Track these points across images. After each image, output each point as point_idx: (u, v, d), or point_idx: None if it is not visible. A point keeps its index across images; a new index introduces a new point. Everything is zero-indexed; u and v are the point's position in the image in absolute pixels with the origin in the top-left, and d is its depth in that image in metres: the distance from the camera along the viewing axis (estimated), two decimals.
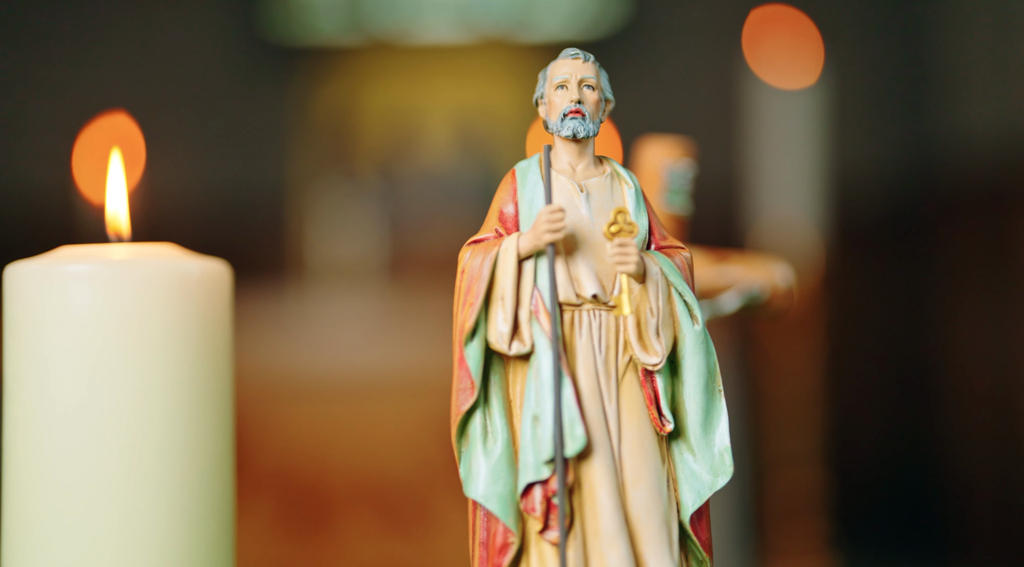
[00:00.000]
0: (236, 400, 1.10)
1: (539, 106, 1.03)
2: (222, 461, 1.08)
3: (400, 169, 4.50)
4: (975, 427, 3.80)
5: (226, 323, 1.08)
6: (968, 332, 3.80)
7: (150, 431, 1.03)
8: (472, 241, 1.01)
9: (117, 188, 1.08)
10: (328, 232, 4.26)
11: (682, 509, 0.98)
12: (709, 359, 0.99)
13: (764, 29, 3.15)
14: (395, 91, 4.59)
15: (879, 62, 4.17)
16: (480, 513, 0.98)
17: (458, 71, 4.63)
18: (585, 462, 0.96)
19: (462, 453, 0.98)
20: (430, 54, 4.64)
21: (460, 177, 4.48)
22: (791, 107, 2.96)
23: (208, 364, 1.06)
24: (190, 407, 1.05)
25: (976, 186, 3.83)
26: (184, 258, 1.07)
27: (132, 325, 1.03)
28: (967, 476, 3.84)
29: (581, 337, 0.98)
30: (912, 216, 4.04)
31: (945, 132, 3.96)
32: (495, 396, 0.98)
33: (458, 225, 4.19)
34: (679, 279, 0.98)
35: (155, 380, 1.03)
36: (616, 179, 1.01)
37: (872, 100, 4.13)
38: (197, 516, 1.05)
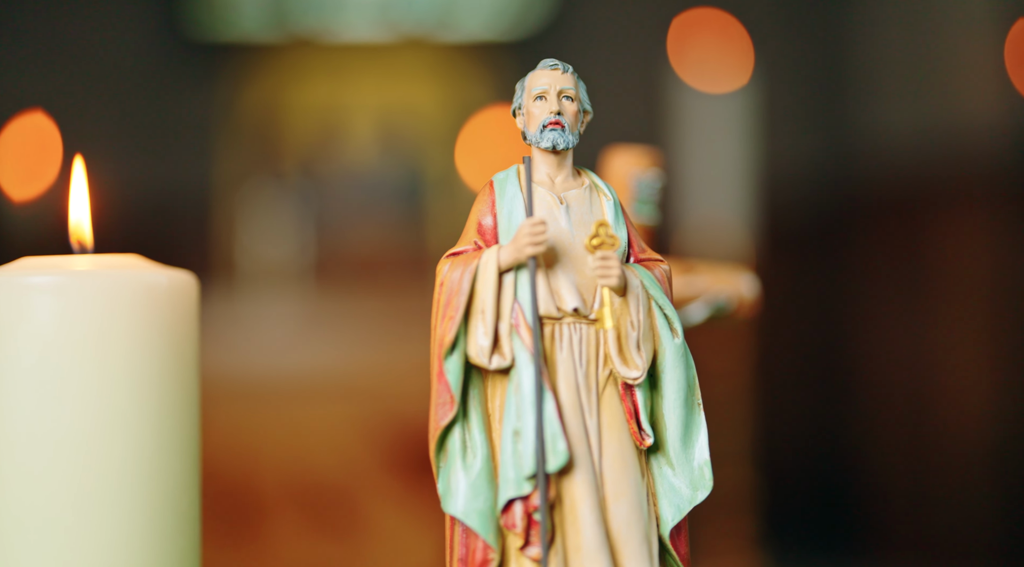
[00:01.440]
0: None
1: (516, 117, 1.02)
2: (189, 475, 1.06)
3: (325, 169, 4.46)
4: (891, 426, 3.86)
5: (194, 335, 1.06)
6: (886, 332, 3.86)
7: (116, 445, 1.01)
8: (451, 253, 0.99)
9: (80, 198, 1.05)
10: (255, 233, 4.21)
11: (661, 523, 0.98)
12: (689, 373, 0.98)
13: (692, 31, 3.17)
14: (319, 90, 4.55)
15: (806, 64, 4.21)
16: (458, 529, 0.97)
17: (381, 70, 4.61)
18: (567, 477, 0.95)
19: (440, 468, 0.97)
20: (353, 52, 4.61)
21: (385, 177, 4.46)
22: (718, 109, 2.98)
23: (176, 377, 1.04)
24: (157, 421, 1.02)
25: (896, 187, 3.88)
26: (151, 269, 1.05)
27: (98, 338, 1.00)
28: (885, 474, 3.90)
29: (562, 351, 0.97)
30: (837, 217, 4.08)
31: (866, 133, 4.02)
32: (474, 410, 0.97)
33: (383, 225, 4.18)
34: (659, 292, 0.98)
35: (122, 394, 1.01)
36: (595, 191, 1.01)
37: (799, 101, 4.17)
38: (164, 530, 1.03)
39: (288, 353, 3.20)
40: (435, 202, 4.46)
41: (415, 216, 4.40)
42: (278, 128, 4.48)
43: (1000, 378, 3.74)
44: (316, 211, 4.32)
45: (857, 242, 3.88)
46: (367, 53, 4.60)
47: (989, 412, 3.74)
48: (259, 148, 4.44)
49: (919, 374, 3.79)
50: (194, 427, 1.06)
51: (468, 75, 4.58)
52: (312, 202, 4.34)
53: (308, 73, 4.56)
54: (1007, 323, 3.72)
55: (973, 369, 3.75)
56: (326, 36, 4.58)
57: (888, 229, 3.88)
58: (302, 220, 4.27)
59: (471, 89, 4.55)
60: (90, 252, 1.06)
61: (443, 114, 4.49)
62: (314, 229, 4.28)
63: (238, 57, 4.52)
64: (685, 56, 3.17)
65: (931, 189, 3.76)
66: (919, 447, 3.78)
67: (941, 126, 3.80)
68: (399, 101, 4.56)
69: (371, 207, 4.35)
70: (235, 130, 4.47)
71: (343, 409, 3.06)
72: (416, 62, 4.60)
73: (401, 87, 4.58)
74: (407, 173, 4.45)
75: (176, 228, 4.17)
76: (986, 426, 3.73)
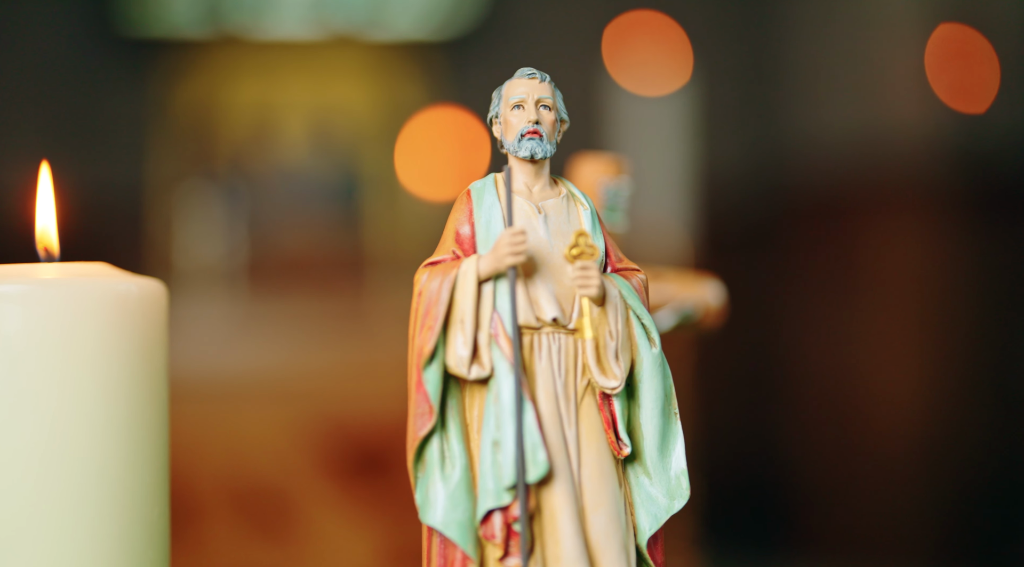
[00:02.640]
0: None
1: (493, 126, 1.02)
2: (159, 486, 1.04)
3: (258, 168, 4.42)
4: (824, 426, 3.90)
5: (163, 344, 1.04)
6: (819, 334, 3.90)
7: (86, 456, 0.99)
8: (429, 263, 0.99)
9: (46, 204, 1.03)
10: (190, 233, 4.16)
11: (639, 533, 0.98)
12: (666, 382, 0.99)
13: (628, 34, 3.17)
14: (251, 88, 4.51)
15: (743, 66, 4.24)
16: (436, 540, 0.96)
17: (312, 68, 4.58)
18: (546, 487, 0.95)
19: (418, 479, 0.96)
20: (284, 50, 4.57)
21: (319, 177, 4.43)
22: (655, 111, 2.99)
23: (146, 386, 1.02)
24: (127, 432, 1.01)
25: (828, 190, 3.93)
26: (121, 277, 1.03)
27: (68, 348, 0.98)
28: (818, 473, 3.94)
29: (541, 361, 0.97)
30: (773, 220, 4.11)
31: (800, 136, 4.05)
32: (452, 420, 0.97)
33: (318, 226, 4.14)
34: (637, 301, 0.98)
35: (92, 404, 0.99)
36: (572, 200, 1.01)
37: (737, 104, 4.19)
38: (135, 542, 1.01)
39: (223, 355, 3.17)
40: (371, 202, 4.43)
41: (351, 217, 4.37)
42: (211, 127, 4.44)
43: (928, 379, 3.80)
44: (250, 211, 4.28)
45: (792, 245, 3.92)
46: (298, 51, 4.57)
47: (918, 412, 3.80)
48: (193, 147, 4.39)
49: (851, 375, 3.84)
50: (163, 437, 1.04)
51: (400, 74, 4.57)
52: (246, 202, 4.30)
53: (240, 71, 4.51)
54: (935, 325, 3.79)
55: (903, 370, 3.81)
56: (257, 33, 4.54)
57: (821, 232, 3.92)
58: (235, 220, 4.23)
59: (403, 88, 4.53)
60: (57, 260, 1.04)
61: (375, 113, 4.46)
62: (248, 229, 4.24)
63: (170, 54, 4.47)
64: (621, 59, 3.18)
65: (861, 192, 3.81)
66: (850, 446, 3.82)
67: (870, 130, 3.85)
68: (331, 100, 4.53)
69: (305, 207, 4.32)
70: (168, 129, 4.42)
71: (278, 411, 3.04)
72: (347, 61, 4.58)
73: (333, 86, 4.56)
74: (342, 173, 4.43)
75: (109, 229, 4.12)
76: (915, 426, 3.79)
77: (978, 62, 3.69)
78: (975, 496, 3.76)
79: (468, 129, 4.20)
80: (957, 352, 3.81)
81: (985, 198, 3.81)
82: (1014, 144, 3.80)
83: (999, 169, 3.82)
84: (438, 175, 4.35)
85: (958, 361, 3.81)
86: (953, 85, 3.77)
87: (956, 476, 3.76)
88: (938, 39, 3.77)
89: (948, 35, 3.78)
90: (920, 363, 3.80)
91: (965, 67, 3.73)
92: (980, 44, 3.66)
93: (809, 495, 3.97)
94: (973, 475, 3.76)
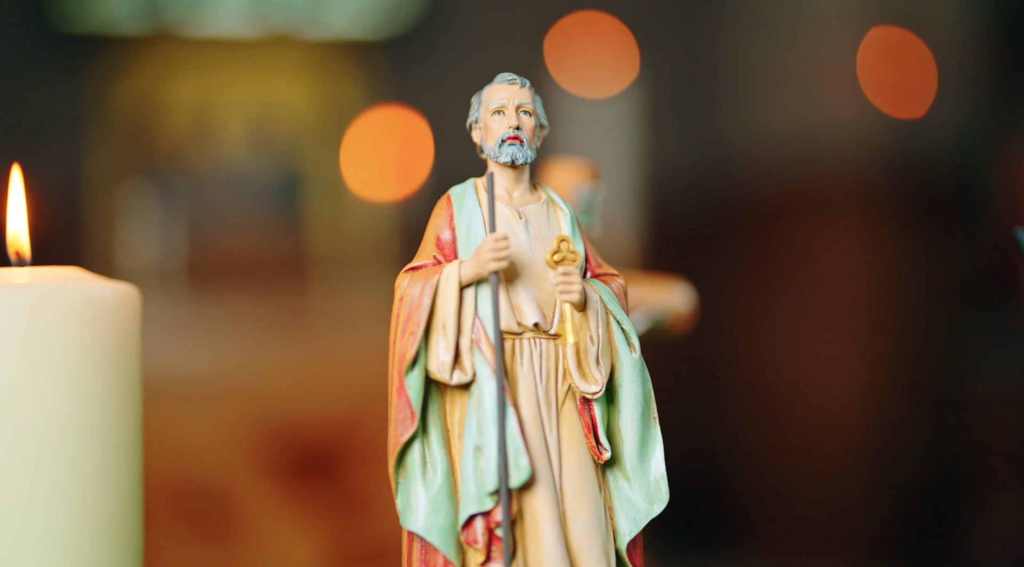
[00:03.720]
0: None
1: (473, 131, 1.02)
2: (133, 494, 1.03)
3: (197, 167, 4.38)
4: (767, 426, 3.94)
5: (137, 349, 1.03)
6: (763, 335, 3.93)
7: (60, 463, 0.98)
8: (409, 268, 0.99)
9: (17, 206, 1.01)
10: (130, 232, 4.11)
11: (618, 537, 0.99)
12: (645, 387, 0.99)
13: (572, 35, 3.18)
14: (190, 85, 4.46)
15: (687, 67, 4.25)
16: (417, 546, 0.96)
17: (251, 66, 4.54)
18: (528, 492, 0.95)
19: (399, 484, 0.96)
20: (222, 47, 4.53)
21: (259, 176, 4.39)
22: (600, 112, 3.00)
23: (121, 392, 1.01)
24: (102, 438, 1.00)
25: (771, 191, 3.96)
26: (94, 281, 1.02)
27: (41, 352, 0.97)
28: (760, 472, 3.98)
29: (523, 366, 0.97)
30: (718, 220, 4.14)
31: (743, 137, 4.08)
32: (433, 426, 0.97)
33: (258, 226, 4.11)
34: (617, 307, 0.99)
35: (67, 409, 0.98)
36: (552, 206, 1.01)
37: (682, 105, 4.21)
38: (109, 549, 1.00)
39: (162, 356, 3.14)
40: (313, 202, 4.41)
41: (292, 216, 4.35)
42: (150, 125, 4.39)
43: (867, 379, 3.85)
44: (189, 210, 4.24)
45: (735, 247, 3.95)
46: (237, 49, 4.53)
47: (856, 412, 3.85)
48: (132, 145, 4.34)
49: (791, 375, 3.88)
50: (137, 443, 1.03)
51: (338, 73, 4.55)
52: (185, 201, 4.26)
53: (179, 68, 4.47)
54: (875, 326, 3.84)
55: (842, 370, 3.85)
56: (195, 30, 4.50)
57: (764, 234, 3.95)
58: (174, 219, 4.19)
59: (342, 87, 4.51)
60: (28, 264, 1.02)
61: (315, 112, 4.44)
62: (187, 229, 4.20)
63: (108, 50, 4.41)
64: (565, 60, 3.19)
65: (802, 195, 3.85)
66: (789, 446, 3.86)
67: (809, 133, 3.89)
68: (271, 98, 4.50)
69: (246, 206, 4.29)
70: (107, 126, 4.36)
71: (218, 412, 3.02)
72: (286, 59, 4.55)
73: (272, 84, 4.53)
74: (282, 172, 4.40)
75: (48, 229, 4.05)
76: (853, 426, 3.84)
77: (915, 65, 3.74)
78: (912, 495, 3.81)
79: (411, 128, 4.19)
80: (895, 353, 3.86)
81: (922, 201, 3.87)
82: (952, 147, 3.86)
83: (935, 173, 3.88)
84: (380, 174, 4.34)
85: (896, 362, 3.86)
86: (890, 88, 3.82)
87: (894, 475, 3.82)
88: (872, 42, 3.82)
89: (883, 38, 3.83)
90: (859, 363, 3.84)
91: (902, 70, 3.78)
92: (918, 47, 3.71)
93: (748, 494, 4.01)
94: (910, 474, 3.81)
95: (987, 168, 3.93)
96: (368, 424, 2.93)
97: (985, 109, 3.91)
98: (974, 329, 3.83)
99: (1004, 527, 3.63)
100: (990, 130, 3.92)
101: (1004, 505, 3.67)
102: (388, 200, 4.22)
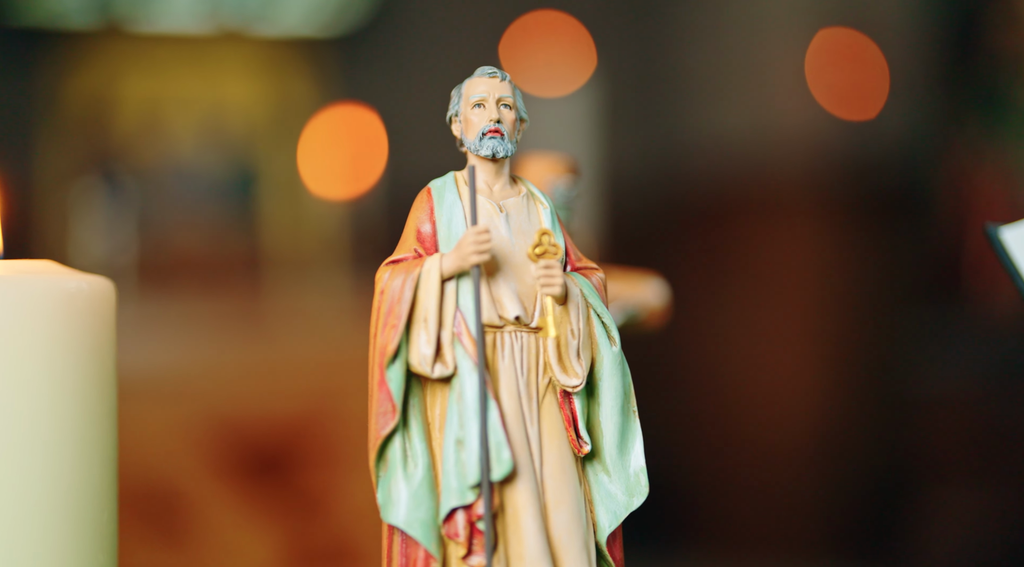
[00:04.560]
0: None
1: (452, 124, 1.02)
2: (108, 490, 1.02)
3: (149, 164, 4.34)
4: (719, 423, 3.97)
5: (112, 343, 1.03)
6: (716, 332, 3.96)
7: (35, 459, 0.97)
8: (390, 261, 0.98)
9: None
10: (80, 230, 4.07)
11: (598, 530, 0.99)
12: (625, 380, 1.00)
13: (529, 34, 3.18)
14: (141, 82, 4.42)
15: (644, 67, 4.26)
16: (397, 539, 0.96)
17: (201, 63, 4.51)
18: (510, 486, 0.95)
19: (380, 478, 0.96)
20: (174, 44, 4.49)
21: (210, 174, 4.36)
22: (556, 111, 3.00)
23: (96, 386, 1.00)
24: (77, 433, 0.99)
25: (724, 191, 3.98)
26: (69, 275, 1.01)
27: (16, 346, 0.96)
28: (704, 470, 4.00)
29: (504, 359, 0.97)
30: (673, 219, 4.15)
31: (702, 137, 4.09)
32: (413, 419, 0.97)
33: (209, 224, 4.08)
34: (597, 300, 0.99)
35: (42, 404, 0.97)
36: (532, 199, 1.01)
37: (638, 104, 4.22)
38: (84, 546, 0.99)
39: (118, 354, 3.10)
40: (266, 200, 4.38)
41: (245, 214, 4.32)
42: (101, 121, 4.34)
43: (819, 376, 3.88)
44: (141, 208, 4.20)
45: (689, 245, 3.97)
46: (188, 45, 4.50)
47: (809, 410, 3.88)
48: (83, 142, 4.29)
49: (744, 374, 3.90)
50: (112, 438, 1.02)
51: (289, 70, 4.52)
52: (136, 198, 4.22)
53: (130, 65, 4.43)
54: (825, 325, 3.87)
55: (794, 368, 3.88)
56: (146, 26, 4.45)
57: (716, 233, 3.98)
58: (126, 217, 4.15)
59: (293, 85, 4.49)
60: (1, 257, 1.01)
61: (267, 109, 4.42)
62: (138, 227, 4.16)
63: (59, 45, 4.36)
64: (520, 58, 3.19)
65: (754, 195, 3.88)
66: (739, 443, 3.89)
67: (760, 134, 3.92)
68: (222, 95, 4.47)
69: (198, 204, 4.25)
70: (58, 123, 4.31)
71: (172, 413, 2.99)
72: (237, 56, 4.52)
73: (223, 81, 4.49)
74: (235, 169, 4.37)
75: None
76: (803, 424, 3.87)
77: (867, 67, 3.78)
78: (862, 491, 3.85)
79: (364, 126, 4.17)
80: (844, 352, 3.90)
81: (870, 202, 3.91)
82: (901, 149, 3.90)
83: (885, 174, 3.92)
84: (334, 172, 4.32)
85: (845, 360, 3.90)
86: (840, 90, 3.85)
87: (843, 472, 3.85)
88: (822, 44, 3.85)
89: (833, 40, 3.86)
90: (809, 362, 3.88)
91: (853, 72, 3.81)
92: (869, 49, 3.74)
93: (698, 492, 4.03)
94: (860, 471, 3.85)
95: (933, 169, 3.98)
96: (323, 423, 2.92)
97: (933, 111, 3.96)
98: (920, 328, 3.87)
99: (951, 522, 3.67)
100: (937, 132, 3.96)
101: (950, 500, 3.71)
102: (342, 198, 4.21)
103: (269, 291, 4.02)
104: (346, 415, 2.89)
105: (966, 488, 3.74)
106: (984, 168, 3.93)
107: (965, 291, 3.96)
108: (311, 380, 2.99)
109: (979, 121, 3.95)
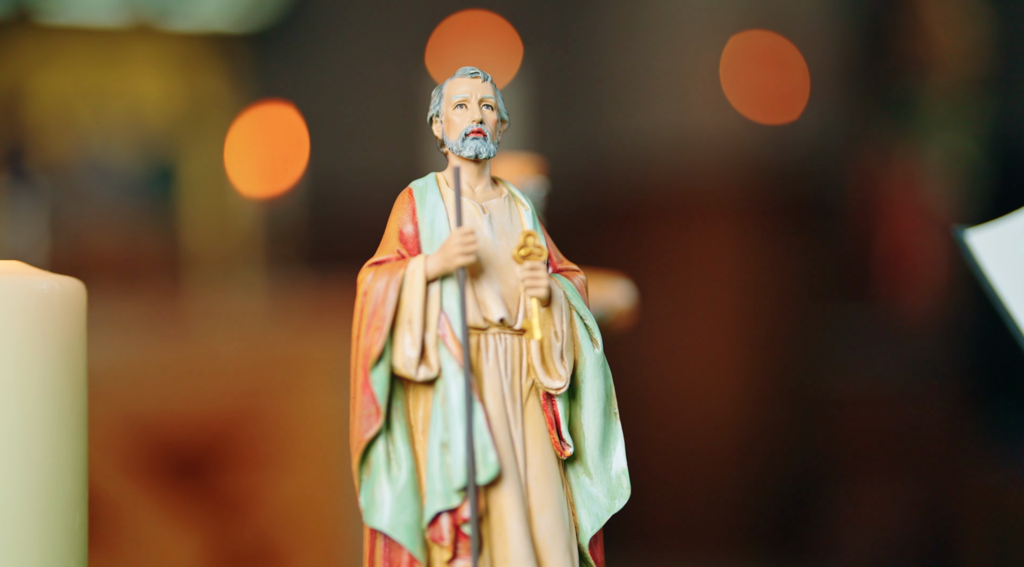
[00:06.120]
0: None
1: (433, 124, 1.01)
2: (79, 492, 1.00)
3: (61, 159, 4.25)
4: (638, 425, 3.99)
5: (82, 343, 1.01)
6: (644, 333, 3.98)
7: (5, 459, 0.95)
8: (373, 262, 0.97)
9: None
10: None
11: (580, 533, 0.98)
12: (607, 382, 1.00)
13: (457, 31, 3.17)
14: (55, 76, 4.33)
15: (571, 66, 4.26)
16: (380, 543, 0.95)
17: (115, 56, 4.43)
18: (495, 489, 0.95)
19: (363, 481, 0.95)
20: (87, 37, 4.40)
21: (124, 170, 4.29)
22: None
23: (67, 387, 0.98)
24: (48, 434, 0.97)
25: (649, 193, 4.00)
26: (39, 276, 0.99)
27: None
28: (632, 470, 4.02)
29: (488, 361, 0.96)
30: (599, 219, 4.16)
31: (624, 139, 4.11)
32: (397, 422, 0.95)
33: (124, 221, 4.01)
34: (580, 302, 0.99)
35: (12, 404, 0.95)
36: (513, 201, 1.01)
37: (565, 104, 4.22)
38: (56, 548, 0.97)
39: None
40: (184, 198, 4.31)
41: (162, 212, 4.25)
42: (12, 114, 4.24)
43: (740, 377, 3.92)
44: (53, 204, 4.11)
45: (612, 247, 3.99)
46: (101, 37, 4.41)
47: (730, 409, 3.92)
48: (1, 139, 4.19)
49: (667, 375, 3.93)
50: (83, 440, 1.00)
51: (204, 65, 4.46)
52: (49, 195, 4.13)
53: (44, 58, 4.33)
54: (748, 325, 3.91)
55: (716, 369, 3.92)
56: (60, 18, 4.36)
57: (639, 235, 3.99)
58: (38, 214, 4.06)
59: (206, 80, 4.43)
60: None
61: (181, 105, 4.35)
62: (50, 224, 4.07)
63: None
64: (444, 57, 3.17)
65: (674, 197, 3.90)
66: (666, 443, 3.91)
67: (678, 136, 3.95)
68: (136, 90, 4.39)
69: (113, 201, 4.17)
70: None
71: (90, 414, 2.93)
72: (150, 49, 4.45)
73: (137, 75, 4.42)
74: (150, 166, 4.30)
75: None
76: (727, 422, 3.91)
77: (786, 70, 3.82)
78: (781, 488, 3.90)
79: (283, 124, 4.13)
80: (764, 352, 3.94)
81: (786, 204, 3.95)
82: (816, 151, 3.95)
83: (800, 176, 3.97)
84: (251, 170, 4.27)
85: (764, 361, 3.94)
86: (758, 93, 3.89)
87: (764, 470, 3.90)
88: (738, 47, 3.88)
89: (752, 43, 3.90)
90: (730, 363, 3.91)
91: (771, 75, 3.86)
92: (789, 52, 3.78)
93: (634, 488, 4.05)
94: (779, 468, 3.90)
95: (844, 171, 4.04)
96: (246, 424, 2.89)
97: (845, 115, 4.02)
98: (834, 329, 3.94)
99: (867, 516, 3.74)
100: (848, 135, 4.03)
101: (863, 496, 3.78)
102: (261, 196, 4.16)
103: (186, 290, 3.96)
104: (269, 416, 2.86)
105: (879, 483, 3.80)
106: (891, 170, 4.00)
107: (874, 292, 4.03)
108: (233, 381, 2.95)
109: (887, 125, 4.02)
